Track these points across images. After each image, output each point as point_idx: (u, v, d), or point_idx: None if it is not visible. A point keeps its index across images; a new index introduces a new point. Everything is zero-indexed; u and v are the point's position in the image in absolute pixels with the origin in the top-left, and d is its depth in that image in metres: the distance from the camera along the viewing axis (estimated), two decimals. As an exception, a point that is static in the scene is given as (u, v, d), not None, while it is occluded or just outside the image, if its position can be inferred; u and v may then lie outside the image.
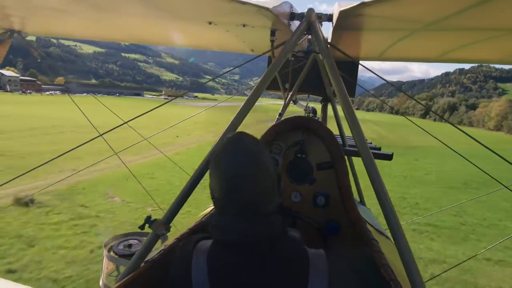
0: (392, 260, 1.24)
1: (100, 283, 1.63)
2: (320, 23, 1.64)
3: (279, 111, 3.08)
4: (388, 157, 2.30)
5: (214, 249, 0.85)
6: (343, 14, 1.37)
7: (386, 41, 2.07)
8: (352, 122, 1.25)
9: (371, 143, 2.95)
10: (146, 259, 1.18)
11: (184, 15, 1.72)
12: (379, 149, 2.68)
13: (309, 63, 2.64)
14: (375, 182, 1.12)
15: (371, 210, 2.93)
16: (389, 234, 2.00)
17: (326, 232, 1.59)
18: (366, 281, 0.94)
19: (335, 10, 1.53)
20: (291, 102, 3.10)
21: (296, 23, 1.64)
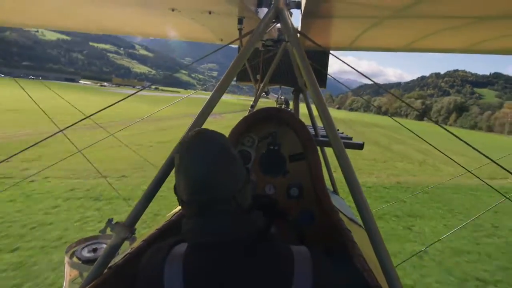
0: (364, 249, 1.27)
1: None
2: (289, 10, 1.62)
3: (251, 103, 3.08)
4: (359, 146, 2.36)
5: (190, 254, 0.81)
6: (311, 0, 1.37)
7: (356, 30, 2.10)
8: (323, 113, 1.26)
9: (342, 133, 3.03)
10: (110, 264, 1.13)
11: (146, 1, 1.64)
12: (351, 138, 2.75)
13: (280, 53, 2.63)
14: (346, 171, 1.14)
15: (345, 199, 3.03)
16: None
17: (301, 221, 1.62)
18: (344, 273, 0.94)
19: None
20: (263, 94, 3.09)
21: (264, 10, 1.62)
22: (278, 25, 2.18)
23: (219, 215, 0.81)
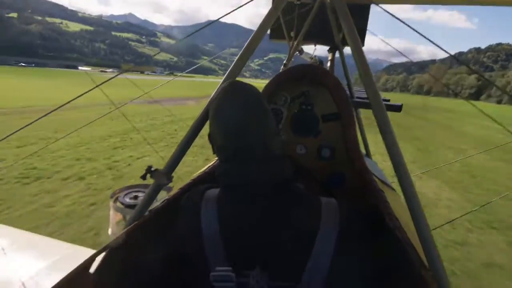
0: (398, 211, 1.24)
1: (109, 231, 1.68)
2: None
3: (284, 62, 3.00)
4: (398, 108, 2.26)
5: (223, 196, 0.87)
6: None
7: None
8: (364, 71, 1.19)
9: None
10: (149, 208, 1.19)
11: None
12: (388, 100, 2.65)
13: (316, 7, 2.51)
14: (386, 133, 1.09)
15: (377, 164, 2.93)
16: (395, 187, 2.01)
17: (331, 184, 1.59)
18: (372, 229, 0.94)
19: None
20: (297, 52, 2.99)
21: None
22: None
23: (251, 159, 0.85)
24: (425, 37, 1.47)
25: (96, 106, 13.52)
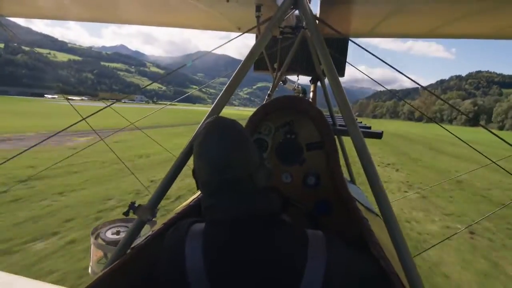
0: (381, 238, 1.28)
1: (90, 270, 1.60)
2: None
3: (268, 92, 3.13)
4: (378, 135, 2.34)
5: (209, 232, 0.86)
6: None
7: (377, 16, 2.11)
8: (342, 101, 1.27)
9: (361, 122, 3.02)
10: (132, 245, 1.18)
11: None
12: (369, 128, 2.74)
13: (298, 40, 2.65)
14: (365, 160, 1.16)
15: (361, 188, 2.99)
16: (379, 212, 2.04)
17: (316, 211, 1.63)
18: (358, 258, 0.95)
19: None
20: (280, 82, 3.12)
21: None
22: (296, 12, 2.22)
23: (236, 192, 0.87)
24: (396, 69, 1.58)
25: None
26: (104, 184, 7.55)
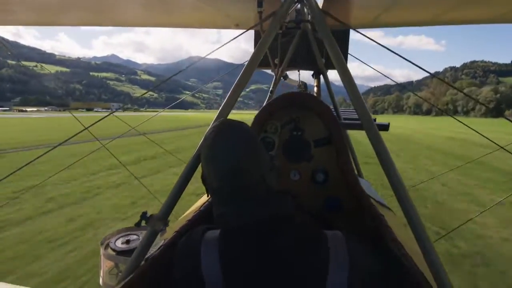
0: (398, 233, 1.26)
1: (100, 281, 1.56)
2: None
3: (270, 88, 3.12)
4: (385, 127, 2.33)
5: (225, 239, 0.84)
6: None
7: (379, 6, 2.10)
8: (353, 92, 1.24)
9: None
10: (146, 256, 1.17)
11: None
12: (375, 120, 2.73)
13: (298, 35, 2.64)
14: (381, 153, 1.13)
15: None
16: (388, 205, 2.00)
17: (326, 208, 1.62)
18: (380, 258, 0.92)
19: None
20: (281, 78, 3.10)
21: None
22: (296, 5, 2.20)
23: (250, 198, 0.84)
24: (405, 58, 1.57)
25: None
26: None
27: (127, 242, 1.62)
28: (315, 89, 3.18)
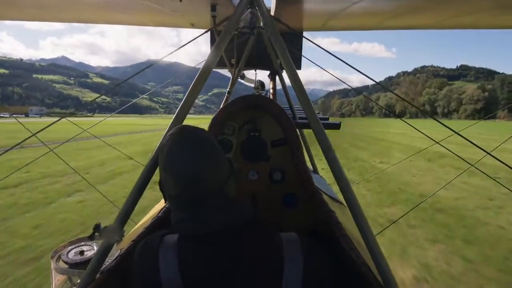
0: (348, 228, 1.37)
1: None
2: None
3: (227, 89, 3.18)
4: (337, 126, 2.47)
5: (183, 245, 0.86)
6: None
7: (328, 12, 2.22)
8: (301, 94, 1.33)
9: (319, 113, 3.15)
10: (101, 268, 1.15)
11: None
12: (327, 119, 2.93)
13: (254, 37, 2.70)
14: (326, 151, 1.22)
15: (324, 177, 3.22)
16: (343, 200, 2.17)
17: (284, 204, 1.72)
18: (332, 255, 1.00)
19: None
20: (239, 78, 3.17)
21: None
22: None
23: (208, 206, 0.86)
24: (349, 64, 1.69)
25: None
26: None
27: (81, 253, 1.55)
28: (271, 90, 3.28)
